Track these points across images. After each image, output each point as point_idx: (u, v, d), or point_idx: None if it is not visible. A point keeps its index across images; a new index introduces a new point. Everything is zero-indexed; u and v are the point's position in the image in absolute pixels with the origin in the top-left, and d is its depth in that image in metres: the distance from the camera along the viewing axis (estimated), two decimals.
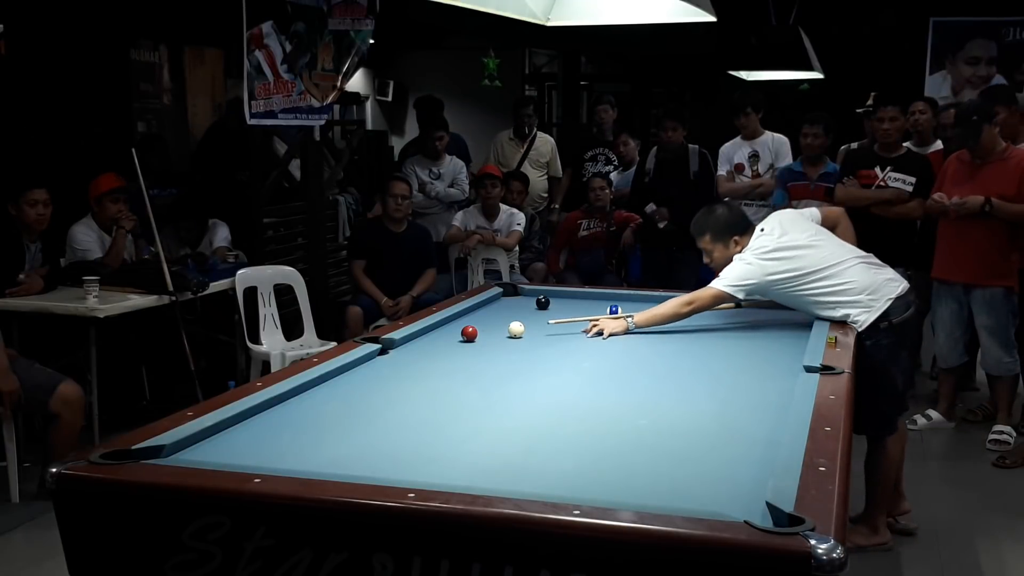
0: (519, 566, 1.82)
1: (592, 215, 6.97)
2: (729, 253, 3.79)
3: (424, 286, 6.13)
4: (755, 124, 6.45)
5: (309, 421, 2.61)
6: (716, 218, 3.89)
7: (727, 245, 3.81)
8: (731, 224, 3.85)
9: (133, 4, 6.57)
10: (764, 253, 3.67)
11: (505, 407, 2.77)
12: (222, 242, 5.98)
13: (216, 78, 7.92)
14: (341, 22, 5.79)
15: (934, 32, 8.84)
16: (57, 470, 2.04)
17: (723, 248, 3.82)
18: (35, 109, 5.93)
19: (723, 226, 3.84)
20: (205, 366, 5.52)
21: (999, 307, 5.11)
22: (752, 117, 6.44)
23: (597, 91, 10.82)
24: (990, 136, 5.05)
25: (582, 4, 4.10)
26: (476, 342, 3.55)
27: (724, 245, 3.82)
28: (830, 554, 1.67)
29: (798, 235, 3.74)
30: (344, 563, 1.89)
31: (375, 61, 10.07)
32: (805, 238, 3.74)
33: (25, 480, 4.38)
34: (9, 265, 4.79)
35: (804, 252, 3.67)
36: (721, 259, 3.82)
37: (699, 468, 2.26)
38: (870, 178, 5.56)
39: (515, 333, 3.61)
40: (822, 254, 3.68)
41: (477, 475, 2.11)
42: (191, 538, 1.95)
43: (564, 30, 4.22)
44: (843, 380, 2.84)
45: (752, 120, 6.44)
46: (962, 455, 5.20)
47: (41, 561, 3.67)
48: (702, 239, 3.88)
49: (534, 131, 7.98)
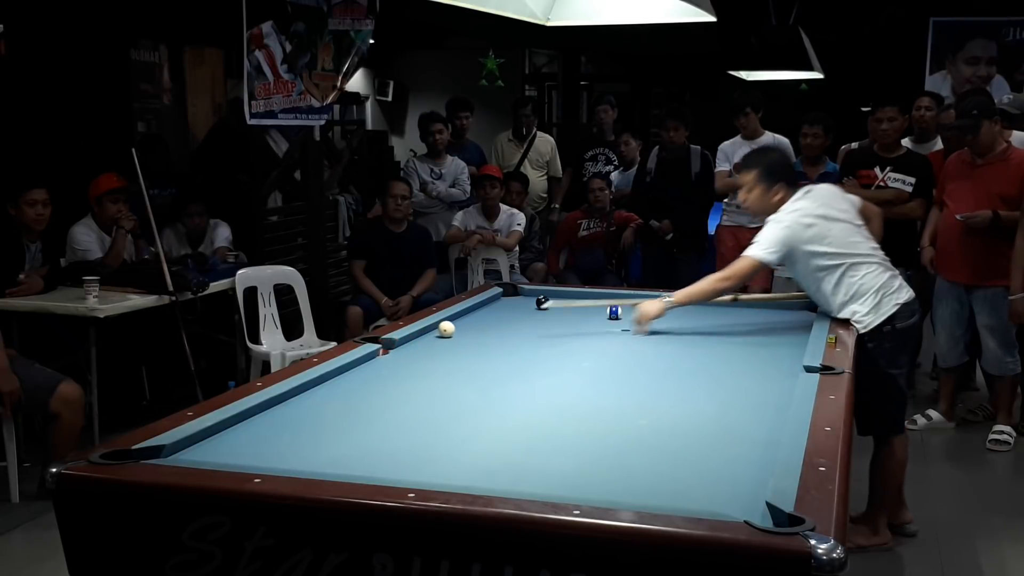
0: (519, 566, 1.82)
1: (592, 215, 6.97)
2: (766, 200, 3.72)
3: (424, 286, 6.13)
4: (755, 124, 6.45)
5: (309, 421, 2.61)
6: (769, 159, 3.85)
7: (767, 189, 3.72)
8: (781, 171, 3.78)
9: (133, 4, 6.56)
10: (801, 215, 3.62)
11: (505, 407, 2.77)
12: (223, 242, 5.98)
13: (216, 78, 7.92)
14: (341, 22, 5.79)
15: (934, 32, 8.84)
16: (57, 470, 2.04)
17: (763, 191, 3.73)
18: (35, 109, 5.93)
19: (773, 169, 3.76)
20: (205, 366, 5.51)
21: (1000, 307, 5.11)
22: (752, 117, 6.44)
23: (597, 91, 10.83)
24: (989, 132, 5.05)
25: (582, 4, 4.10)
26: (476, 342, 3.54)
27: (765, 188, 3.72)
28: (830, 554, 1.67)
29: (835, 211, 3.71)
30: (344, 563, 1.89)
31: (375, 61, 10.07)
32: (842, 215, 3.71)
33: (25, 480, 4.38)
34: (9, 265, 4.79)
35: (838, 227, 3.65)
36: (756, 202, 3.76)
37: (699, 468, 2.26)
38: (870, 178, 5.56)
39: (445, 332, 3.57)
40: (853, 238, 3.68)
41: (477, 475, 2.11)
42: (191, 538, 1.95)
43: (564, 30, 4.22)
44: (843, 380, 2.83)
45: (752, 120, 6.44)
46: (962, 455, 5.20)
47: (41, 561, 3.67)
48: (748, 173, 3.79)
49: (533, 131, 7.98)
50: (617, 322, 3.90)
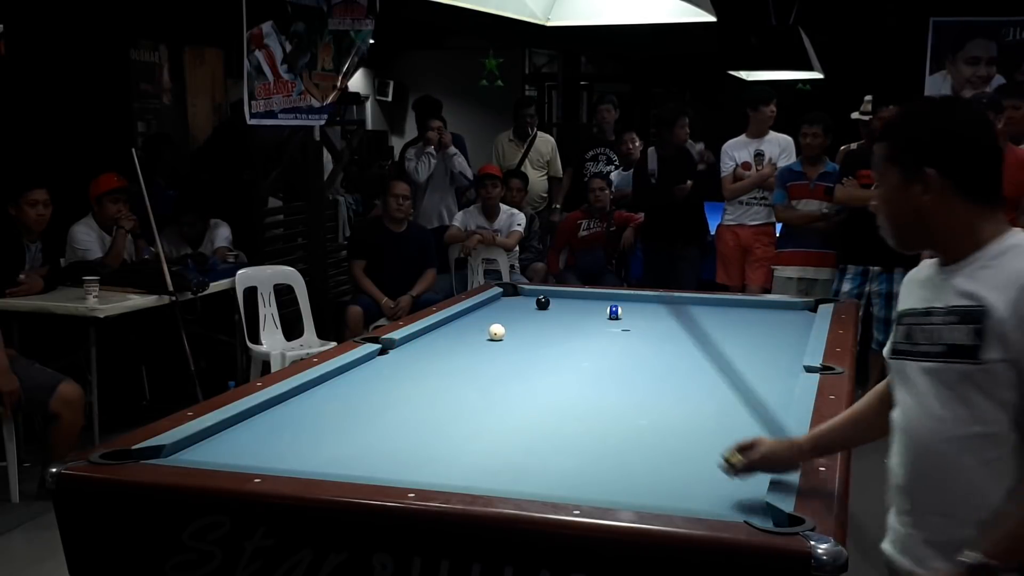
0: (519, 566, 1.82)
1: (592, 215, 6.97)
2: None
3: (424, 286, 6.13)
4: (770, 121, 6.39)
5: (309, 421, 2.61)
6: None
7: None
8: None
9: (133, 4, 6.56)
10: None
11: (505, 407, 2.77)
12: (223, 242, 5.98)
13: (216, 78, 7.91)
14: (341, 22, 5.79)
15: (934, 32, 8.83)
16: (57, 470, 2.04)
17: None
18: (35, 109, 5.92)
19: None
20: (205, 366, 5.51)
21: None
22: (773, 110, 6.37)
23: (598, 91, 10.82)
24: None
25: (582, 4, 4.10)
26: (476, 342, 3.54)
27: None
28: (830, 554, 1.67)
29: None
30: (344, 563, 1.89)
31: (375, 61, 10.05)
32: None
33: (25, 480, 4.38)
34: (9, 265, 4.79)
35: None
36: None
37: (699, 468, 2.25)
38: (870, 178, 5.55)
39: (496, 336, 3.57)
40: None
41: (477, 475, 2.11)
42: (191, 538, 1.95)
43: (564, 30, 4.22)
44: (843, 380, 2.84)
45: (771, 115, 6.37)
46: None
47: (41, 561, 3.67)
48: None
49: (535, 131, 7.98)
50: (617, 322, 3.90)
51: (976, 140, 1.80)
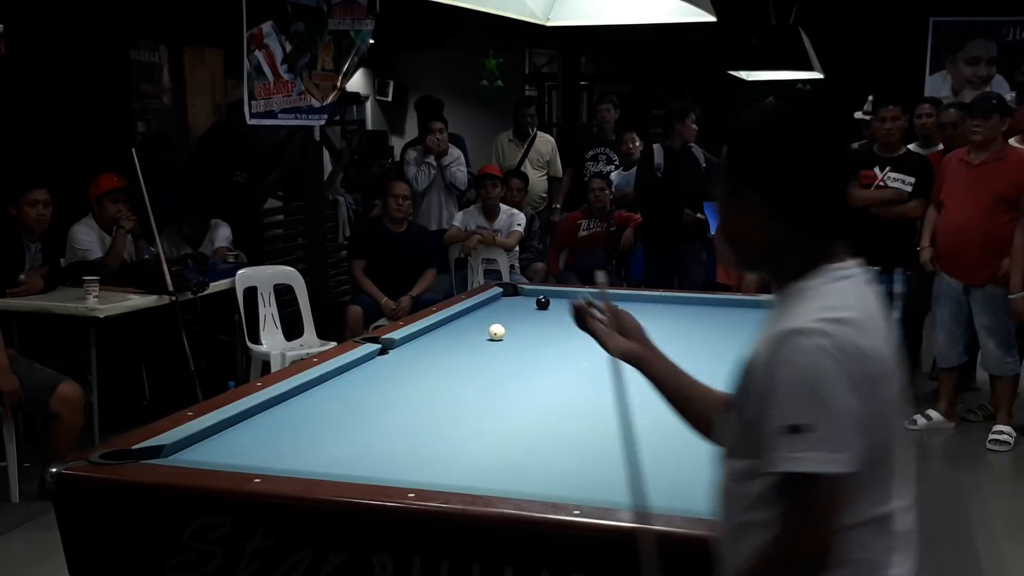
0: (519, 566, 1.82)
1: (592, 215, 6.97)
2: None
3: (424, 286, 6.13)
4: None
5: (309, 421, 2.61)
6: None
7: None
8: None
9: (133, 4, 6.56)
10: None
11: (505, 407, 2.77)
12: (223, 242, 5.98)
13: (216, 78, 7.91)
14: (341, 22, 5.79)
15: (934, 32, 8.84)
16: (57, 470, 2.04)
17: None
18: (35, 109, 5.93)
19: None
20: (205, 366, 5.51)
21: (999, 307, 5.10)
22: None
23: (598, 91, 10.82)
24: (996, 127, 5.08)
25: (582, 4, 4.10)
26: (476, 342, 3.54)
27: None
28: None
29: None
30: (344, 563, 1.89)
31: (375, 61, 10.06)
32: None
33: (25, 480, 4.38)
34: (9, 265, 4.79)
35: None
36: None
37: (699, 468, 2.25)
38: (870, 178, 5.57)
39: (496, 335, 3.57)
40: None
41: (477, 475, 2.11)
42: (191, 538, 1.95)
43: (564, 30, 4.22)
44: None
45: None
46: (962, 455, 5.20)
47: (41, 561, 3.67)
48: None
49: (535, 131, 7.98)
50: None
51: (798, 157, 1.56)
